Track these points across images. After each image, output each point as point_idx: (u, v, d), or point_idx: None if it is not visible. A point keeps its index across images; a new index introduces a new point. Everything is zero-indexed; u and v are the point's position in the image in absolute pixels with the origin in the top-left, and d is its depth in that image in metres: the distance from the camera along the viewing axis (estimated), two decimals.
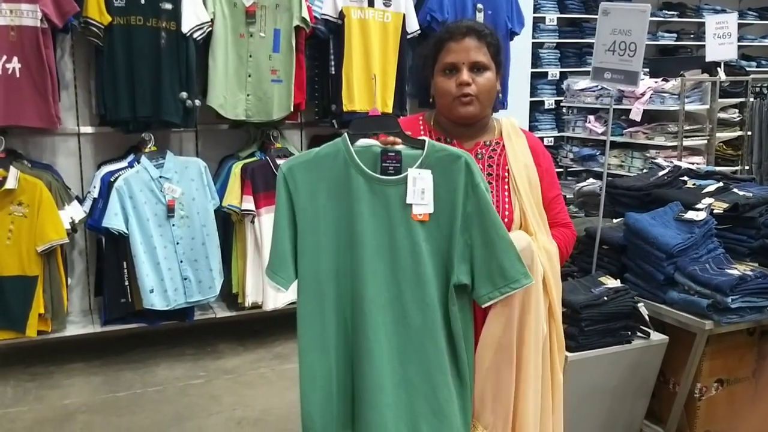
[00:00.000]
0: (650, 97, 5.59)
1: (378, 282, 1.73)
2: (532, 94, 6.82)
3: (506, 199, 1.91)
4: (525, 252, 1.77)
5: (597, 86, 5.95)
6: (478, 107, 1.90)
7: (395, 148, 1.76)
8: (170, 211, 3.80)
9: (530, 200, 1.91)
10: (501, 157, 1.95)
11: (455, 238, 1.73)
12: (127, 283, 3.80)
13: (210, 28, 3.88)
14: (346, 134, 1.78)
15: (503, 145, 1.96)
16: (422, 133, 1.97)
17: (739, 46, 5.92)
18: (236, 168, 4.02)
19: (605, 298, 2.75)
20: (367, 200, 1.73)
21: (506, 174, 1.93)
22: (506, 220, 1.87)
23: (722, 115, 5.73)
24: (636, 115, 5.58)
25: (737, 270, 2.79)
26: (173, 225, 3.82)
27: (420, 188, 1.73)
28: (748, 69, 6.67)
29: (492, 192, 1.89)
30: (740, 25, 6.81)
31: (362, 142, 1.79)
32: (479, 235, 1.73)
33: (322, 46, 4.31)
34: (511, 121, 2.03)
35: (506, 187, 1.92)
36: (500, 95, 2.00)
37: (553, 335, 1.89)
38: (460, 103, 1.88)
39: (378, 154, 1.75)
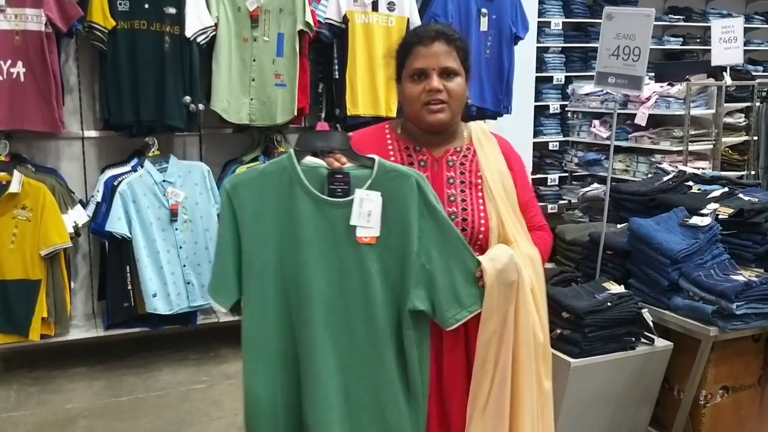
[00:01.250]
0: (656, 102, 5.57)
1: (325, 303, 1.69)
2: (537, 99, 6.80)
3: (481, 207, 1.86)
4: (508, 267, 1.73)
5: (602, 91, 5.93)
6: (448, 114, 1.83)
7: (343, 170, 1.71)
8: (173, 215, 3.80)
9: (507, 206, 1.86)
10: (473, 164, 1.90)
11: (409, 261, 1.69)
12: (130, 287, 3.80)
13: (214, 33, 3.88)
14: (291, 151, 1.72)
15: (474, 151, 1.91)
16: (389, 142, 1.91)
17: (745, 51, 5.89)
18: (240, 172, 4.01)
19: (609, 303, 2.73)
20: (313, 222, 1.69)
21: (479, 181, 1.88)
22: (483, 228, 1.83)
23: (728, 119, 5.69)
24: (641, 119, 5.55)
25: (742, 276, 2.77)
26: (176, 229, 3.82)
27: (366, 210, 1.69)
28: (754, 73, 6.63)
29: (466, 200, 1.85)
30: (746, 30, 6.79)
31: (309, 160, 1.73)
32: (440, 257, 1.70)
33: (326, 51, 4.31)
34: (481, 126, 1.99)
35: (480, 194, 1.87)
36: (469, 101, 1.94)
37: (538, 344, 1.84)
38: (429, 110, 1.82)
39: (325, 176, 1.71)
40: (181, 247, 3.83)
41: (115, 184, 3.74)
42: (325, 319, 1.69)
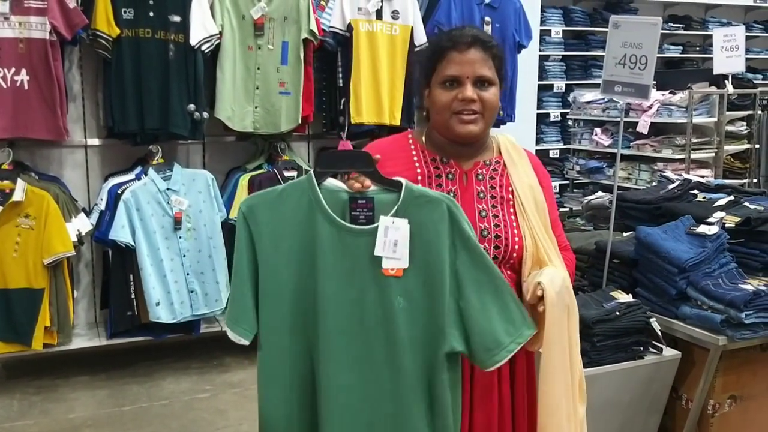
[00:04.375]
0: (657, 110, 5.58)
1: (343, 340, 1.56)
2: (537, 107, 6.81)
3: (514, 224, 1.75)
4: (563, 289, 1.62)
5: (604, 99, 5.94)
6: (481, 126, 1.73)
7: (366, 194, 1.57)
8: (177, 223, 3.79)
9: (539, 224, 1.75)
10: (503, 178, 1.80)
11: (441, 298, 1.55)
12: (133, 296, 3.78)
13: (218, 41, 3.87)
14: (311, 173, 1.58)
15: (504, 164, 1.81)
16: (413, 153, 1.81)
17: (745, 59, 5.91)
18: (243, 180, 4.01)
19: (617, 313, 2.72)
20: (333, 250, 1.55)
21: (510, 196, 1.78)
22: (516, 247, 1.73)
23: (730, 127, 5.71)
24: (643, 127, 5.56)
25: (750, 285, 2.76)
26: (180, 237, 3.81)
27: (392, 239, 1.54)
28: (754, 82, 6.66)
29: (498, 216, 1.75)
30: (746, 38, 6.79)
31: (330, 183, 1.60)
32: (476, 293, 1.56)
33: (330, 59, 4.31)
34: (510, 138, 1.88)
35: (512, 210, 1.77)
36: (501, 112, 1.91)
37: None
38: (461, 121, 1.71)
39: (346, 201, 1.57)
40: (184, 256, 3.82)
41: (119, 192, 3.73)
42: (343, 358, 1.57)
